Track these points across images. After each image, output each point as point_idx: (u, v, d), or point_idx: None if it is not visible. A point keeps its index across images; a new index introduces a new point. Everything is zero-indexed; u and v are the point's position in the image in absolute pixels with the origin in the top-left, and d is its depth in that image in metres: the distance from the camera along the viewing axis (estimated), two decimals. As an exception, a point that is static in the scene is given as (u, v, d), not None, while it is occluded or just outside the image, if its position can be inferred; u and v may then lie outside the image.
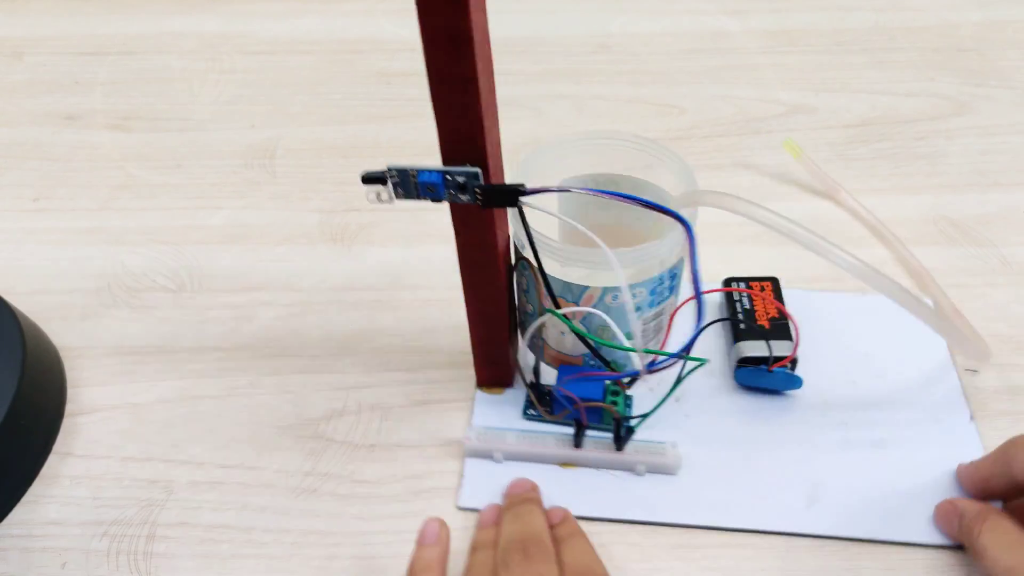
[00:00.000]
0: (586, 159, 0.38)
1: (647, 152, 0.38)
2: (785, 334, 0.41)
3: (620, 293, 0.33)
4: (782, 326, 0.41)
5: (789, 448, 0.40)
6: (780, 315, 0.42)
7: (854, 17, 0.73)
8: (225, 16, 0.75)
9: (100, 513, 0.38)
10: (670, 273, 0.37)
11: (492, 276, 0.35)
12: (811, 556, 0.36)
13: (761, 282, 0.44)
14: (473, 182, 0.29)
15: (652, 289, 0.36)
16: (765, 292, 0.43)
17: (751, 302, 0.43)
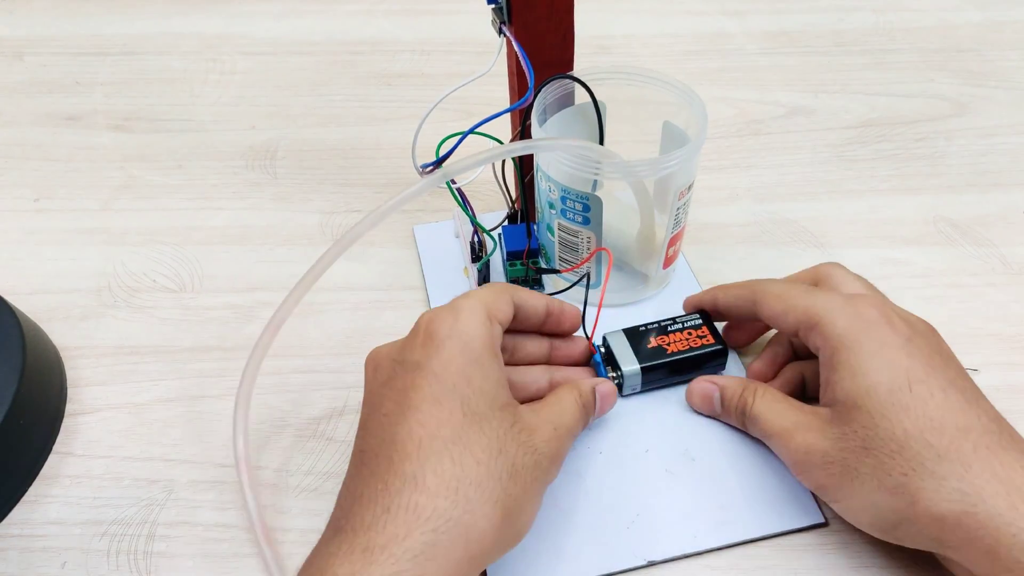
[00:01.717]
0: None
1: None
2: (653, 358, 0.41)
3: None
4: (659, 351, 0.41)
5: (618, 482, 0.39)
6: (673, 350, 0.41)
7: (854, 18, 0.73)
8: (226, 17, 0.75)
9: (100, 513, 0.38)
10: (582, 199, 0.40)
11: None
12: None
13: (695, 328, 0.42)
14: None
15: (564, 196, 0.40)
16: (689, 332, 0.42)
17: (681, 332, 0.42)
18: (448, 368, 0.32)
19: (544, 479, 0.33)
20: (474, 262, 0.46)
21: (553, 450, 0.33)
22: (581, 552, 0.36)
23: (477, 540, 0.29)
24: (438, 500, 0.28)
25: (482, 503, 0.29)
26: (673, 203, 0.41)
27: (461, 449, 0.30)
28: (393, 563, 0.27)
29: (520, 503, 0.31)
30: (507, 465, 0.31)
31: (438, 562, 0.28)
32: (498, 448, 0.31)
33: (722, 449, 0.40)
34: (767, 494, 0.38)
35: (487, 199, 0.53)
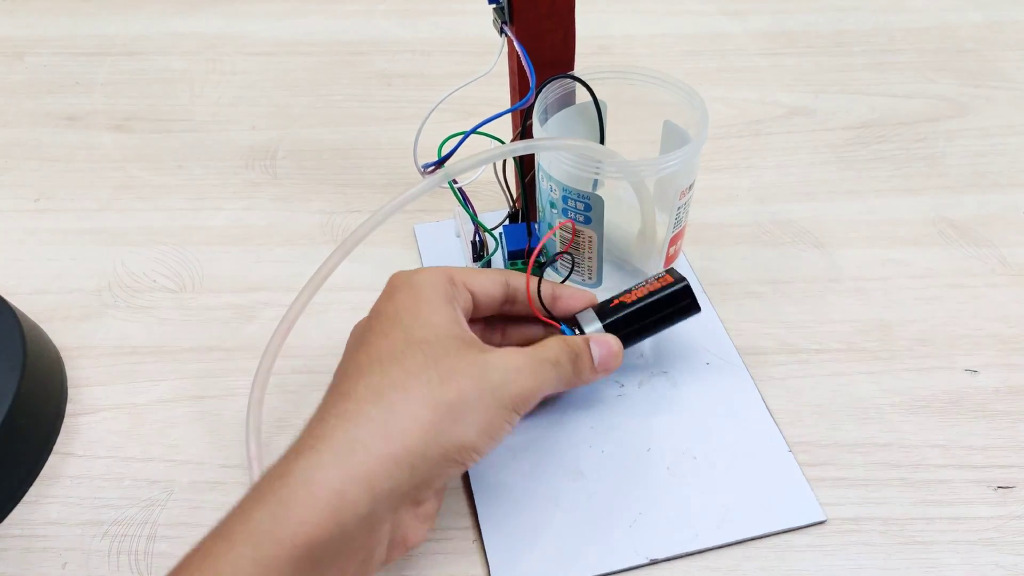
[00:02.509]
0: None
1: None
2: (612, 315, 0.39)
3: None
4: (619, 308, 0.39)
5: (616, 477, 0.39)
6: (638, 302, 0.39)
7: (853, 18, 0.73)
8: (226, 17, 0.75)
9: (100, 513, 0.38)
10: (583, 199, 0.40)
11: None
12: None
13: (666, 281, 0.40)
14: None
15: (566, 196, 0.40)
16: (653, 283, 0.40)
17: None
18: (398, 307, 0.34)
19: (498, 394, 0.32)
20: (475, 261, 0.46)
21: (514, 368, 0.33)
22: (583, 550, 0.36)
23: (399, 437, 0.30)
24: (364, 405, 0.31)
25: (405, 403, 0.31)
26: (674, 202, 0.41)
27: (395, 364, 0.32)
28: (315, 456, 0.29)
29: (456, 408, 0.31)
30: (441, 373, 0.31)
31: (358, 456, 0.29)
32: (433, 360, 0.32)
33: (723, 448, 0.40)
34: (768, 493, 0.38)
35: (488, 199, 0.53)
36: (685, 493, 0.38)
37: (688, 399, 0.42)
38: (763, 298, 0.48)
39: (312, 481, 0.28)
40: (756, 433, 0.40)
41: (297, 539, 0.27)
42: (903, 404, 0.42)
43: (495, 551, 0.36)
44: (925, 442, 0.40)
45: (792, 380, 0.43)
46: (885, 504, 0.38)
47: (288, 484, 0.29)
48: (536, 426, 0.41)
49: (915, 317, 0.46)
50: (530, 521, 0.37)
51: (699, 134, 0.39)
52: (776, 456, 0.39)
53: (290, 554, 0.27)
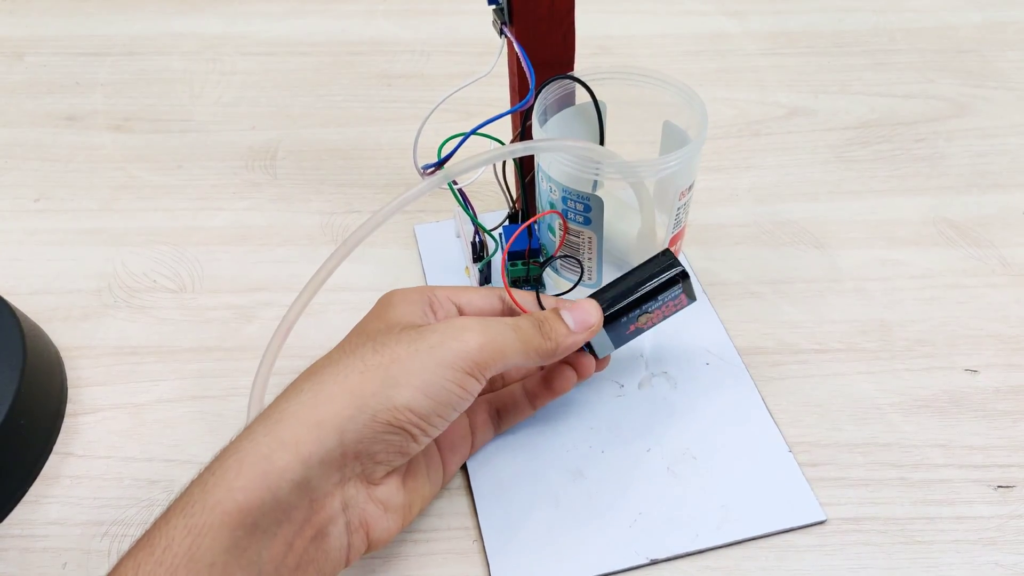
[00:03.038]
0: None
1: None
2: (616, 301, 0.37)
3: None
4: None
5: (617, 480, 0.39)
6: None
7: (854, 19, 0.73)
8: (226, 17, 0.75)
9: (100, 513, 0.38)
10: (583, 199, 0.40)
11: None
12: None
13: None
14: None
15: (565, 197, 0.40)
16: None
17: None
18: (367, 318, 0.36)
19: (434, 353, 0.31)
20: (475, 262, 0.46)
21: (456, 328, 0.32)
22: (583, 550, 0.36)
23: (326, 402, 0.30)
24: (300, 383, 0.31)
25: (334, 373, 0.31)
26: (674, 203, 0.41)
27: (336, 350, 0.33)
28: (247, 431, 0.30)
29: (387, 372, 0.31)
30: (377, 344, 0.32)
31: (284, 423, 0.30)
32: (367, 336, 0.33)
33: (723, 448, 0.40)
34: (768, 492, 0.38)
35: (488, 199, 0.53)
36: (685, 493, 0.38)
37: (688, 399, 0.42)
38: (763, 298, 0.48)
39: (241, 450, 0.29)
40: (756, 433, 0.40)
41: (227, 505, 0.28)
42: (903, 404, 0.42)
43: (495, 551, 0.36)
44: (925, 442, 0.40)
45: (792, 380, 0.43)
46: (885, 504, 0.38)
47: (219, 457, 0.29)
48: (536, 426, 0.41)
49: (915, 317, 0.46)
50: (530, 521, 0.37)
51: (699, 135, 0.39)
52: (776, 456, 0.39)
53: (222, 520, 0.27)
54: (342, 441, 0.30)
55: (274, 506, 0.28)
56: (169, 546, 0.27)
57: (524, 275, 0.46)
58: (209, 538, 0.27)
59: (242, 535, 0.28)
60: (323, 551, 0.31)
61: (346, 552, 0.31)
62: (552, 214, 0.42)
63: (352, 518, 0.31)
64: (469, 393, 0.32)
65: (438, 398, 0.31)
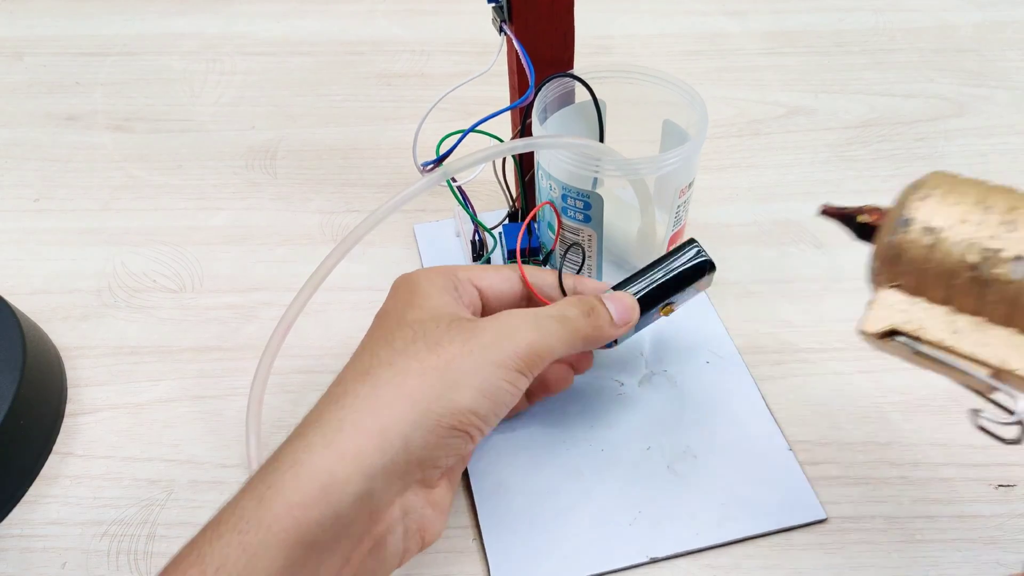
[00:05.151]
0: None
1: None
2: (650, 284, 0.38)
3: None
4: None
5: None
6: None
7: (853, 18, 0.73)
8: (226, 17, 0.75)
9: (100, 513, 0.38)
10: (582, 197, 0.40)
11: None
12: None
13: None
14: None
15: (565, 194, 0.40)
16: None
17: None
18: (396, 302, 0.34)
19: (488, 352, 0.31)
20: (475, 260, 0.46)
21: (511, 327, 0.32)
22: (583, 549, 0.36)
23: (386, 408, 0.29)
24: (351, 385, 0.30)
25: (391, 376, 0.30)
26: (674, 201, 0.41)
27: (384, 346, 0.31)
28: (303, 440, 0.29)
29: (446, 373, 0.30)
30: (430, 343, 0.31)
31: (345, 432, 0.28)
32: (422, 334, 0.31)
33: (723, 446, 0.40)
34: (768, 491, 0.38)
35: (487, 198, 0.53)
36: (685, 491, 0.38)
37: (688, 398, 0.42)
38: (763, 297, 0.48)
39: (299, 463, 0.28)
40: (756, 432, 0.40)
41: (285, 522, 0.26)
42: (903, 403, 0.42)
43: (495, 551, 0.36)
44: (925, 441, 0.40)
45: (792, 379, 0.43)
46: (886, 502, 0.38)
47: (276, 469, 0.28)
48: (536, 425, 0.41)
49: (915, 316, 0.46)
50: (530, 521, 0.37)
51: (698, 133, 0.39)
52: (776, 454, 0.39)
53: (279, 538, 0.26)
54: (407, 448, 0.29)
55: (334, 522, 0.27)
56: (223, 566, 0.26)
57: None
58: (265, 559, 0.26)
59: (300, 553, 0.27)
60: (379, 560, 0.30)
61: (400, 557, 0.31)
62: (546, 206, 0.42)
63: (410, 524, 0.30)
64: (520, 391, 0.32)
65: (495, 398, 0.31)
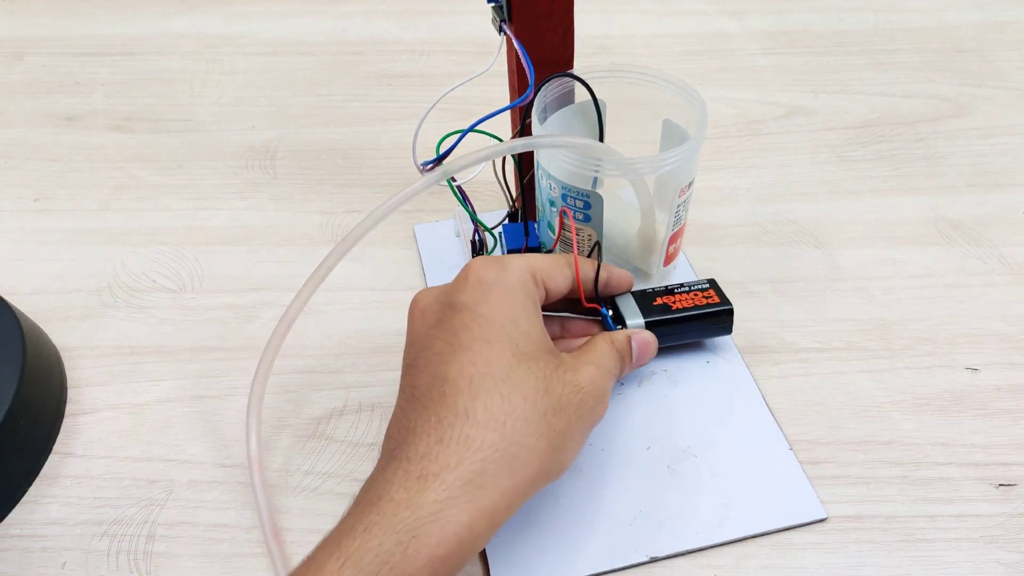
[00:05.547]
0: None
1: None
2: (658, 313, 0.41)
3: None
4: (663, 308, 0.41)
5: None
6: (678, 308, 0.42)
7: (853, 18, 0.73)
8: (226, 17, 0.75)
9: (100, 513, 0.38)
10: (582, 196, 0.40)
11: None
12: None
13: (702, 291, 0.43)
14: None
15: (565, 194, 0.40)
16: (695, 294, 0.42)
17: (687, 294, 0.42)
18: (496, 311, 0.33)
19: (589, 417, 0.34)
20: None
21: (598, 389, 0.35)
22: (584, 548, 0.36)
23: (521, 470, 0.30)
24: (487, 432, 0.30)
25: (527, 436, 0.31)
26: (674, 200, 0.41)
27: (510, 387, 0.31)
28: (444, 489, 0.29)
29: (563, 438, 0.32)
30: (552, 402, 0.32)
31: (485, 489, 0.29)
32: (544, 386, 0.32)
33: (723, 446, 0.40)
34: (768, 490, 0.38)
35: (487, 198, 0.53)
36: (686, 491, 0.38)
37: (688, 398, 0.42)
38: (763, 298, 0.48)
39: (443, 517, 0.28)
40: (757, 431, 0.40)
41: (425, 573, 0.28)
42: (904, 402, 0.42)
43: (495, 550, 0.36)
44: (926, 440, 0.40)
45: (793, 379, 0.43)
46: (886, 502, 0.38)
47: (419, 517, 0.28)
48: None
49: (915, 316, 0.46)
50: (530, 519, 0.37)
51: (698, 132, 0.39)
52: (777, 454, 0.39)
53: None
54: (523, 501, 0.31)
55: (457, 567, 0.29)
56: None
57: None
58: None
59: None
60: None
61: None
62: (554, 209, 0.42)
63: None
64: None
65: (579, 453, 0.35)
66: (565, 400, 0.33)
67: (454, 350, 0.32)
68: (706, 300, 0.42)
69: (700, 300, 0.42)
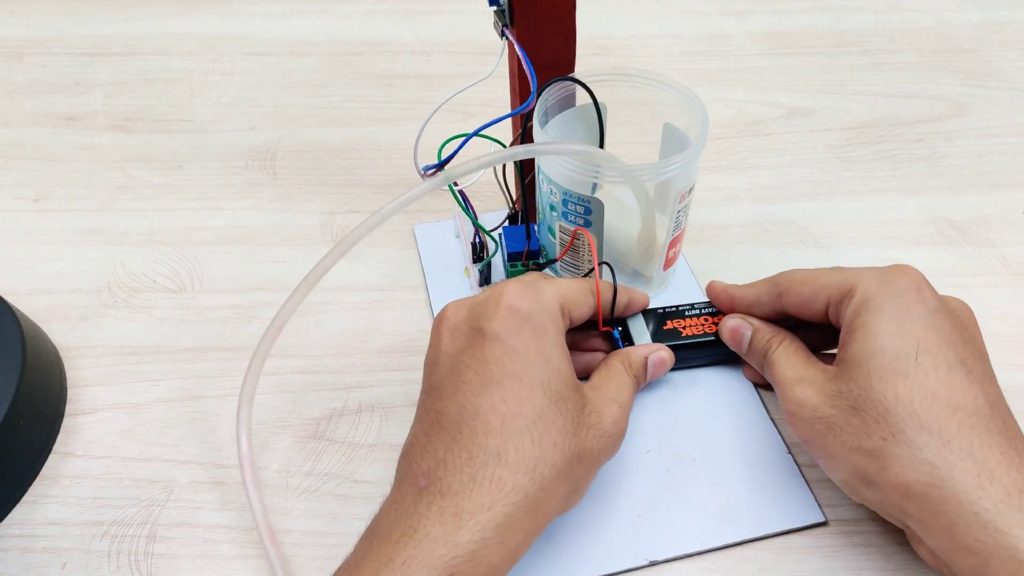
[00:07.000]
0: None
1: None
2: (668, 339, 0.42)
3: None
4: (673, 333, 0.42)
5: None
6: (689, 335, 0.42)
7: (853, 19, 0.73)
8: (226, 17, 0.75)
9: (100, 513, 0.38)
10: (583, 202, 0.40)
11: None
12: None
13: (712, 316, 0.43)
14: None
15: (566, 199, 0.40)
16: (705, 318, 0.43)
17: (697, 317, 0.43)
18: (528, 346, 0.33)
19: (605, 459, 0.35)
20: (475, 263, 0.46)
21: (619, 430, 0.35)
22: (583, 552, 0.36)
23: (544, 512, 0.32)
24: (519, 476, 0.31)
25: (554, 482, 0.32)
26: (674, 206, 0.41)
27: (541, 430, 0.32)
28: (480, 530, 0.29)
29: (582, 481, 0.34)
30: (579, 448, 0.33)
31: (514, 531, 0.30)
32: (573, 431, 0.33)
33: (723, 450, 0.40)
34: (768, 494, 0.38)
35: (488, 199, 0.53)
36: (684, 495, 0.38)
37: (687, 401, 0.42)
38: (763, 299, 0.48)
39: (478, 557, 0.29)
40: (755, 434, 0.40)
41: None
42: (903, 405, 0.42)
43: (495, 552, 0.36)
44: (924, 443, 0.40)
45: (792, 381, 0.43)
46: (884, 505, 0.38)
47: (456, 556, 0.29)
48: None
49: (915, 318, 0.46)
50: (530, 522, 0.37)
51: (699, 138, 0.39)
52: (775, 457, 0.39)
53: None
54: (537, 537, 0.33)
55: None
56: None
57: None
58: None
59: None
60: None
61: None
62: (581, 231, 0.42)
63: None
64: None
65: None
66: (589, 446, 0.33)
67: (485, 383, 0.32)
68: (716, 328, 0.42)
69: (710, 327, 0.42)
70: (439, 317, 0.36)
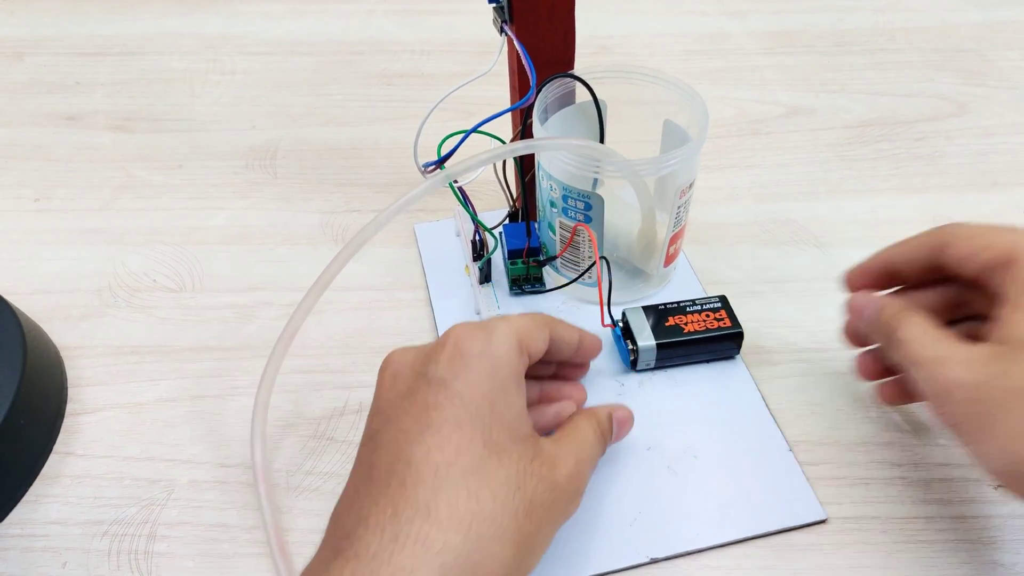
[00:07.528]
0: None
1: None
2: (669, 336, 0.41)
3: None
4: (673, 329, 0.42)
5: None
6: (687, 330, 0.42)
7: (854, 18, 0.73)
8: (226, 17, 0.75)
9: (101, 513, 0.38)
10: (583, 198, 0.40)
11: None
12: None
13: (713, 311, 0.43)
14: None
15: (566, 195, 0.40)
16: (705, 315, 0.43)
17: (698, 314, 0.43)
18: (474, 390, 0.30)
19: (562, 517, 0.32)
20: (475, 260, 0.46)
21: (575, 486, 0.33)
22: (584, 549, 0.36)
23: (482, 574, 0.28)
24: (449, 534, 0.27)
25: (494, 541, 0.28)
26: (674, 201, 0.41)
27: (478, 481, 0.29)
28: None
29: (533, 541, 0.30)
30: (524, 501, 0.29)
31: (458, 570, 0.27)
32: (517, 483, 0.29)
33: (723, 447, 0.40)
34: (768, 491, 0.38)
35: (488, 197, 0.53)
36: (686, 492, 0.38)
37: (688, 398, 0.42)
38: (763, 297, 0.48)
39: None
40: (756, 432, 0.40)
41: None
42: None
43: (495, 550, 0.36)
44: (925, 441, 0.40)
45: (792, 379, 0.43)
46: (886, 503, 0.38)
47: None
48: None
49: (915, 316, 0.46)
50: (530, 520, 0.37)
51: (699, 133, 0.39)
52: (776, 455, 0.39)
53: None
54: None
55: None
56: None
57: (524, 273, 0.46)
58: None
59: None
60: None
61: None
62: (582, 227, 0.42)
63: None
64: None
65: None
66: (538, 499, 0.30)
67: (421, 430, 0.29)
68: (717, 323, 0.42)
69: (712, 323, 0.42)
70: (383, 363, 0.33)
